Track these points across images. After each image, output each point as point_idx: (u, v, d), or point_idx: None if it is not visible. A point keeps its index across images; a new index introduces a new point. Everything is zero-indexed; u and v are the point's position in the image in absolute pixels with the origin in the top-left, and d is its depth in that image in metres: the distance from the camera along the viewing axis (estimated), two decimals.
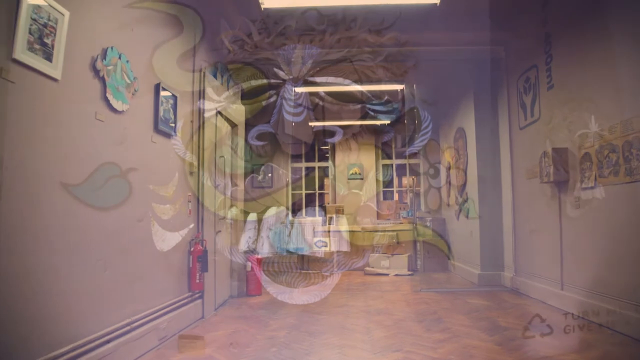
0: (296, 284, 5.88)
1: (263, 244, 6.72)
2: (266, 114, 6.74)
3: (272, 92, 6.35)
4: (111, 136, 2.62)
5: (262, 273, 5.34)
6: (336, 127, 8.10)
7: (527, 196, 4.85)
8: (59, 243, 2.19)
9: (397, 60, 5.59)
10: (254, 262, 5.16)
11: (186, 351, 3.02)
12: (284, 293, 5.25)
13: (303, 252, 7.04)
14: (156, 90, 3.19)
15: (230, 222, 5.01)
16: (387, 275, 6.72)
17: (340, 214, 7.65)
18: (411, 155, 8.39)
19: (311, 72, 5.68)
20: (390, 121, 7.87)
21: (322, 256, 7.11)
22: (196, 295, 3.87)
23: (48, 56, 2.05)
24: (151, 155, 3.17)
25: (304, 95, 6.82)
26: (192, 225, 3.88)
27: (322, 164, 8.72)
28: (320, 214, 7.91)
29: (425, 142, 7.27)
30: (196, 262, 3.76)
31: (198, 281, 3.79)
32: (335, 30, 4.91)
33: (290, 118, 6.98)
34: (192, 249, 3.78)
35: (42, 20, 2.00)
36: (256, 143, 7.42)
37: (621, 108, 3.22)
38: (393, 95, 7.13)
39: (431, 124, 7.03)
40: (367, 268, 7.00)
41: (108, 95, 2.53)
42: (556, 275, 4.13)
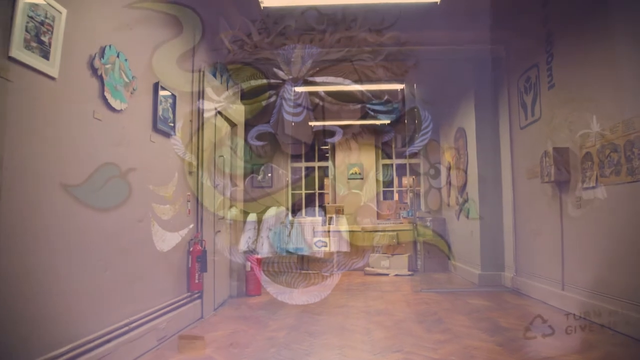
0: (296, 284, 5.86)
1: (263, 244, 6.70)
2: (266, 114, 6.72)
3: (272, 92, 6.34)
4: (109, 135, 2.60)
5: (262, 273, 5.32)
6: (336, 127, 8.08)
7: (528, 196, 4.83)
8: (59, 243, 2.19)
9: (397, 59, 5.58)
10: (254, 262, 5.14)
11: (186, 352, 3.00)
12: (284, 293, 5.23)
13: (303, 253, 7.02)
14: (155, 89, 3.17)
15: (230, 223, 4.99)
16: (387, 275, 6.70)
17: (340, 214, 7.63)
18: (411, 155, 8.37)
19: (311, 72, 5.66)
20: (390, 121, 7.86)
21: (322, 256, 7.09)
22: (195, 295, 3.85)
23: (45, 54, 2.03)
24: (150, 155, 3.16)
25: (304, 95, 6.80)
26: (192, 225, 3.86)
27: (322, 164, 8.70)
28: (320, 214, 7.89)
29: (425, 142, 7.25)
30: (195, 262, 3.74)
31: (197, 281, 3.78)
32: (335, 29, 4.89)
33: (289, 118, 6.97)
34: (191, 249, 3.76)
35: (39, 18, 1.99)
36: (256, 143, 7.40)
37: (623, 107, 3.21)
38: (393, 95, 7.12)
39: (431, 124, 7.01)
40: (367, 268, 6.98)
41: (106, 94, 2.51)
42: (557, 275, 4.11)
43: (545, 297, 4.34)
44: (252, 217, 6.23)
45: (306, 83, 6.03)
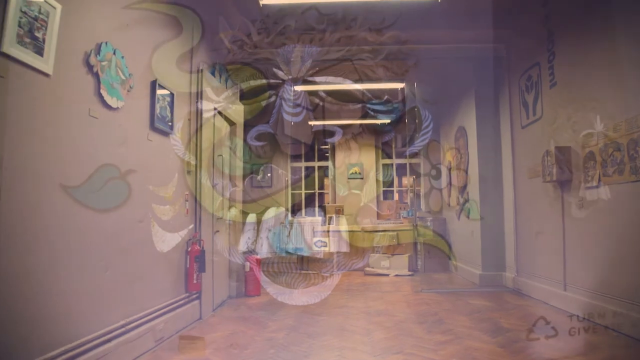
0: (295, 285, 5.82)
1: (262, 245, 6.67)
2: (265, 114, 6.69)
3: (272, 93, 6.31)
4: (105, 133, 2.56)
5: (262, 274, 5.28)
6: (336, 127, 8.05)
7: (529, 195, 4.79)
8: (59, 244, 2.19)
9: (398, 58, 5.54)
10: (253, 263, 5.10)
11: (185, 352, 2.96)
12: (283, 294, 5.19)
13: (302, 253, 6.98)
14: (152, 87, 3.14)
15: (229, 223, 4.95)
16: (388, 275, 6.66)
17: (340, 214, 7.59)
18: (412, 155, 8.33)
19: (311, 72, 5.63)
20: (390, 121, 7.83)
21: (322, 257, 7.05)
22: (193, 295, 3.82)
23: (39, 50, 1.99)
24: (149, 154, 3.12)
25: (303, 95, 6.77)
26: (192, 226, 3.83)
27: (322, 164, 8.66)
28: (319, 214, 7.85)
29: (426, 142, 7.22)
30: (193, 262, 3.71)
31: (195, 282, 3.74)
32: (335, 29, 4.86)
33: (289, 118, 6.93)
34: (190, 249, 3.72)
35: (33, 13, 1.95)
36: (255, 143, 7.36)
37: (626, 105, 3.17)
38: (393, 94, 7.08)
39: (432, 124, 6.98)
40: (367, 268, 6.94)
41: (102, 91, 2.48)
42: (559, 275, 4.07)
43: (546, 298, 4.30)
44: (252, 218, 6.19)
45: (306, 82, 6.00)
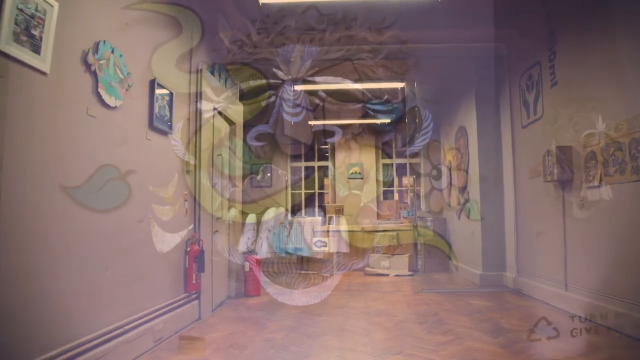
0: (295, 285, 5.80)
1: (262, 245, 6.65)
2: (265, 115, 6.67)
3: (271, 93, 6.29)
4: (103, 132, 2.54)
5: (261, 274, 5.26)
6: (336, 127, 8.03)
7: (530, 195, 4.77)
8: (59, 244, 2.18)
9: (398, 58, 5.53)
10: (253, 263, 5.08)
11: (185, 353, 2.95)
12: (283, 294, 5.17)
13: (302, 253, 6.96)
14: (151, 86, 3.12)
15: (229, 223, 4.93)
16: (388, 275, 6.64)
17: (339, 214, 7.57)
18: (412, 154, 8.31)
19: (310, 72, 5.61)
20: (390, 120, 7.81)
21: (322, 257, 7.03)
22: (193, 296, 3.80)
23: (36, 48, 1.97)
24: (147, 154, 3.10)
25: (303, 95, 6.75)
26: (192, 226, 3.81)
27: (322, 164, 8.64)
28: (319, 214, 7.83)
29: (426, 142, 7.20)
30: (192, 263, 3.69)
31: (194, 282, 3.72)
32: (335, 29, 4.85)
33: (289, 118, 6.92)
34: (189, 249, 3.71)
35: (30, 10, 1.93)
36: (255, 144, 7.35)
37: (627, 105, 3.15)
38: (393, 94, 7.06)
39: (432, 123, 6.95)
40: (367, 268, 6.92)
41: (100, 90, 2.46)
42: (560, 275, 4.05)
43: (547, 298, 4.28)
44: (252, 218, 6.18)
45: (306, 82, 5.98)
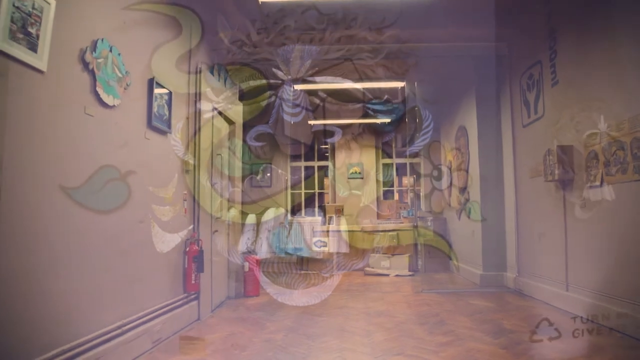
0: (295, 285, 5.78)
1: (262, 245, 6.63)
2: (265, 115, 6.66)
3: (271, 93, 6.28)
4: (101, 132, 2.52)
5: (261, 274, 5.24)
6: (336, 127, 8.02)
7: (531, 195, 4.75)
8: (59, 244, 2.18)
9: (398, 58, 5.51)
10: (252, 263, 5.06)
11: (184, 353, 2.93)
12: (283, 294, 5.15)
13: (302, 253, 6.94)
14: (150, 85, 3.10)
15: (228, 223, 4.91)
16: (388, 275, 6.62)
17: (340, 214, 7.55)
18: (412, 154, 8.29)
19: (310, 72, 5.59)
20: (390, 120, 7.79)
21: (322, 257, 7.01)
22: (192, 296, 3.77)
23: (32, 46, 1.95)
24: (146, 153, 3.08)
25: (303, 95, 6.73)
26: (191, 226, 3.79)
27: (322, 164, 8.62)
28: (319, 214, 7.81)
29: (426, 142, 7.18)
30: (192, 263, 3.67)
31: (194, 282, 3.70)
32: (335, 28, 4.83)
33: (288, 118, 6.90)
34: (188, 249, 3.68)
35: (26, 8, 1.91)
36: (255, 144, 7.33)
37: (629, 104, 3.13)
38: (394, 94, 7.04)
39: (432, 123, 6.94)
40: (367, 268, 6.90)
41: (98, 88, 2.44)
42: (561, 276, 4.03)
43: (548, 298, 4.26)
44: (251, 219, 6.16)
45: (306, 82, 5.96)
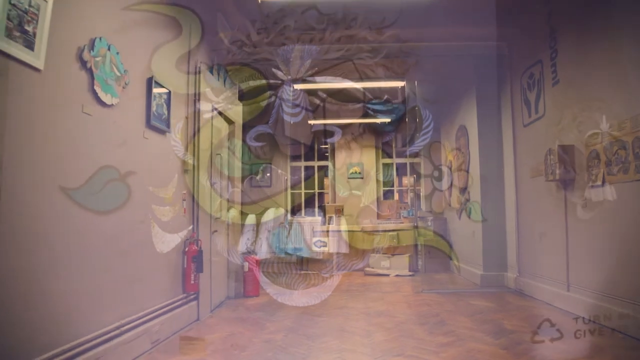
0: (295, 286, 5.76)
1: (261, 245, 6.61)
2: (265, 115, 6.64)
3: (271, 93, 6.26)
4: (99, 131, 2.50)
5: (261, 274, 5.23)
6: (336, 127, 8.00)
7: (532, 195, 4.73)
8: (59, 245, 2.17)
9: (398, 57, 5.49)
10: (252, 263, 5.04)
11: (182, 354, 2.92)
12: (283, 294, 5.13)
13: (302, 254, 6.92)
14: (148, 84, 3.08)
15: (228, 224, 4.90)
16: (388, 276, 6.60)
17: (340, 215, 7.53)
18: (412, 154, 8.27)
19: (310, 72, 5.57)
20: (390, 120, 7.77)
21: (322, 257, 6.99)
22: (191, 296, 3.76)
23: (29, 44, 1.93)
24: (145, 153, 3.07)
25: (302, 95, 6.72)
26: (191, 226, 3.78)
27: (322, 164, 8.60)
28: (319, 214, 7.79)
29: (426, 142, 7.16)
30: (191, 263, 3.65)
31: (193, 282, 3.68)
32: (335, 28, 4.81)
33: (288, 118, 6.88)
34: (187, 249, 3.67)
35: (23, 5, 1.89)
36: (255, 144, 7.31)
37: (630, 103, 3.11)
38: (394, 93, 7.02)
39: (432, 123, 6.92)
40: (367, 268, 6.88)
41: (96, 87, 2.42)
42: (562, 276, 4.01)
43: (549, 299, 4.24)
44: (251, 219, 6.14)
45: (306, 82, 5.94)
